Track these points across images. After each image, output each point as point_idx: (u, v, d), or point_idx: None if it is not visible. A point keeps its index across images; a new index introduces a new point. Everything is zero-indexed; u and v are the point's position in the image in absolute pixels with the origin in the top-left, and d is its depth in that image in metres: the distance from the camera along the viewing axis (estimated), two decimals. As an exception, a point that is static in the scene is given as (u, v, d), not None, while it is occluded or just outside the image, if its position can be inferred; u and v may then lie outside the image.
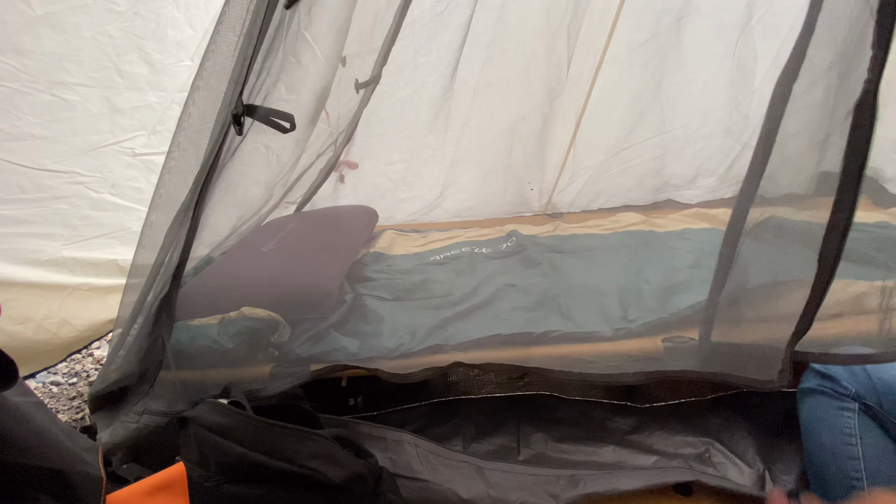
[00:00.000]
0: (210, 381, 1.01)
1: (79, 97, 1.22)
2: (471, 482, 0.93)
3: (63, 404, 1.40)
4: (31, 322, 1.27)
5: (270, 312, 1.11)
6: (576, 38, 1.59)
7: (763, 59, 1.61)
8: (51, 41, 1.13)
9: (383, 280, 1.40)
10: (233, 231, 1.42)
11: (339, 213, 1.70)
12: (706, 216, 1.70)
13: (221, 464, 0.78)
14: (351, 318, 1.20)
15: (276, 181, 1.43)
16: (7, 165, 1.16)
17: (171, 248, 0.96)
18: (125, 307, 1.04)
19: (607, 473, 0.96)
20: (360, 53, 1.46)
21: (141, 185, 1.39)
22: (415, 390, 1.24)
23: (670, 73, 1.69)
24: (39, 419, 0.62)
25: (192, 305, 1.11)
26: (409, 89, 1.70)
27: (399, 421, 1.15)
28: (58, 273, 1.31)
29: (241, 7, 0.85)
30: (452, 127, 1.77)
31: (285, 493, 0.78)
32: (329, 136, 1.63)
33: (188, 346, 1.06)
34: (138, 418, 0.98)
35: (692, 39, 1.62)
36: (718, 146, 1.81)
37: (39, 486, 0.59)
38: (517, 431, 1.12)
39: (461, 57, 1.60)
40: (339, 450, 0.82)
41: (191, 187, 0.92)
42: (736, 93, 1.69)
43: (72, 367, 1.54)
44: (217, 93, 0.90)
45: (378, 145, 1.83)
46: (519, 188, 1.95)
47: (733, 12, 1.58)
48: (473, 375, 1.24)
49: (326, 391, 1.19)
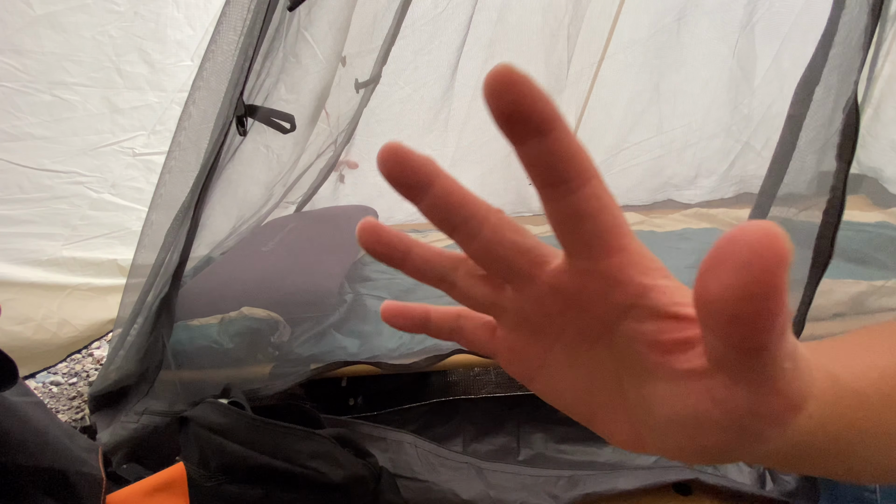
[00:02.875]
0: (210, 381, 1.01)
1: (79, 97, 1.21)
2: (471, 483, 0.93)
3: (63, 404, 1.40)
4: (31, 322, 1.27)
5: (270, 312, 1.11)
6: (576, 38, 1.59)
7: (763, 59, 1.62)
8: (51, 41, 1.12)
9: (383, 280, 1.40)
10: (233, 231, 1.42)
11: (339, 213, 1.70)
12: (706, 216, 1.70)
13: (221, 464, 0.78)
14: (351, 318, 1.20)
15: (276, 181, 1.43)
16: (7, 165, 1.16)
17: (171, 248, 0.96)
18: (125, 307, 1.04)
19: (607, 473, 0.96)
20: (360, 53, 1.46)
21: (141, 185, 1.39)
22: (415, 390, 1.24)
23: (670, 72, 1.69)
24: (39, 419, 0.62)
25: (192, 305, 1.11)
26: (409, 89, 1.70)
27: (399, 421, 1.15)
28: (58, 273, 1.31)
29: (242, 7, 0.85)
30: (452, 127, 1.77)
31: (285, 493, 0.78)
32: (329, 136, 1.63)
33: (188, 346, 1.06)
34: (138, 418, 0.98)
35: (692, 39, 1.62)
36: (718, 146, 1.81)
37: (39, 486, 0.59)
38: (517, 431, 1.12)
39: (461, 57, 1.60)
40: (339, 450, 0.82)
41: (191, 187, 0.92)
42: (736, 93, 1.69)
43: (72, 367, 1.54)
44: (217, 93, 0.90)
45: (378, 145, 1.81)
46: (519, 188, 1.94)
47: (733, 12, 1.58)
48: (473, 375, 1.24)
49: (326, 391, 1.19)
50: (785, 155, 0.81)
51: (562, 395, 0.22)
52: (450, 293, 0.21)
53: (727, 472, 0.98)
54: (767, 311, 0.12)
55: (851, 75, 0.67)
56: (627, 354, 0.18)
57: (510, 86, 0.14)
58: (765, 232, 0.12)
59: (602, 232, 0.17)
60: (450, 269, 0.21)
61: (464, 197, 0.18)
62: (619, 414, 0.20)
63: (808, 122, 0.76)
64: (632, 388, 0.19)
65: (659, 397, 0.17)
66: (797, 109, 0.78)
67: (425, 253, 0.20)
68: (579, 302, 0.19)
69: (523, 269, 0.19)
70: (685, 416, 0.16)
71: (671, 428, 0.17)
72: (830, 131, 0.71)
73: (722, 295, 0.13)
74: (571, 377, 0.21)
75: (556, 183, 0.16)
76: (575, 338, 0.20)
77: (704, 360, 0.16)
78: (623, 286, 0.17)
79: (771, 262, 0.12)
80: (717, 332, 0.14)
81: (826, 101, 0.73)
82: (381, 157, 0.17)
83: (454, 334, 0.23)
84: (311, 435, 0.81)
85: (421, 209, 0.18)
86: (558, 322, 0.20)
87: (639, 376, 0.18)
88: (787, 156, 0.80)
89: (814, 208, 0.72)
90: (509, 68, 0.14)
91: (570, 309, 0.19)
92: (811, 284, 0.75)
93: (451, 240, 0.19)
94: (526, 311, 0.20)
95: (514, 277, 0.19)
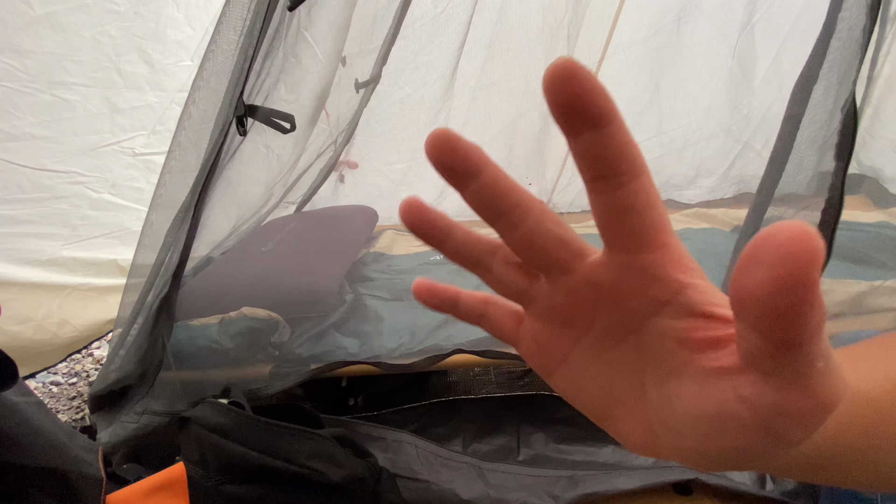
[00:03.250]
0: (210, 381, 1.01)
1: (79, 97, 1.21)
2: (471, 483, 0.94)
3: (63, 404, 1.40)
4: (31, 322, 1.27)
5: (270, 312, 1.11)
6: (576, 38, 1.59)
7: (763, 59, 1.62)
8: (51, 41, 1.12)
9: (383, 280, 1.40)
10: (233, 231, 1.42)
11: (339, 213, 1.70)
12: (706, 216, 1.70)
13: (221, 464, 0.78)
14: (351, 318, 1.20)
15: (276, 181, 1.43)
16: (7, 165, 1.16)
17: (171, 248, 0.96)
18: (125, 307, 1.04)
19: (607, 473, 0.96)
20: (360, 53, 1.46)
21: (141, 185, 1.39)
22: (415, 390, 1.24)
23: (670, 72, 1.69)
24: (39, 419, 0.62)
25: (192, 305, 1.12)
26: (408, 89, 1.70)
27: (399, 421, 1.15)
28: (58, 273, 1.31)
29: (242, 7, 0.85)
30: (452, 126, 1.76)
31: (285, 493, 0.78)
32: (329, 136, 1.63)
33: (188, 346, 1.06)
34: (138, 418, 0.98)
35: (692, 39, 1.62)
36: (718, 146, 1.81)
37: (39, 486, 0.59)
38: (517, 431, 1.12)
39: (461, 57, 1.60)
40: (339, 450, 0.82)
41: (191, 187, 0.92)
42: (736, 93, 1.69)
43: (72, 367, 1.54)
44: (217, 93, 0.90)
45: (378, 145, 1.83)
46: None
47: (733, 12, 1.58)
48: (473, 375, 1.24)
49: (326, 391, 1.19)
50: (783, 154, 0.81)
51: (580, 391, 0.22)
52: (484, 278, 0.22)
53: (727, 472, 0.98)
54: (801, 304, 0.13)
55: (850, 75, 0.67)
56: (655, 351, 0.19)
57: (571, 79, 0.15)
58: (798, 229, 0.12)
59: (647, 227, 0.17)
60: (487, 254, 0.21)
61: (512, 185, 0.19)
62: (636, 414, 0.20)
63: (807, 121, 0.76)
64: (654, 386, 0.19)
65: (683, 395, 0.17)
66: (795, 109, 0.78)
67: (465, 235, 0.21)
68: (614, 296, 0.19)
69: (562, 260, 0.19)
70: (709, 414, 0.16)
71: (692, 427, 0.17)
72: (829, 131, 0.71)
73: (758, 289, 0.13)
74: (593, 373, 0.21)
75: (608, 176, 0.17)
76: (603, 333, 0.20)
77: (734, 359, 0.16)
78: (661, 282, 0.18)
79: (803, 258, 0.12)
80: (754, 326, 0.14)
81: (825, 101, 0.73)
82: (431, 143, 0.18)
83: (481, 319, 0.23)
84: (311, 435, 0.81)
85: (466, 195, 0.18)
86: (589, 316, 0.20)
87: (664, 374, 0.18)
88: (786, 155, 0.80)
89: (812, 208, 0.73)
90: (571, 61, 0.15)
91: (603, 303, 0.20)
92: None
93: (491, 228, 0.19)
94: (557, 303, 0.21)
95: (552, 268, 0.20)
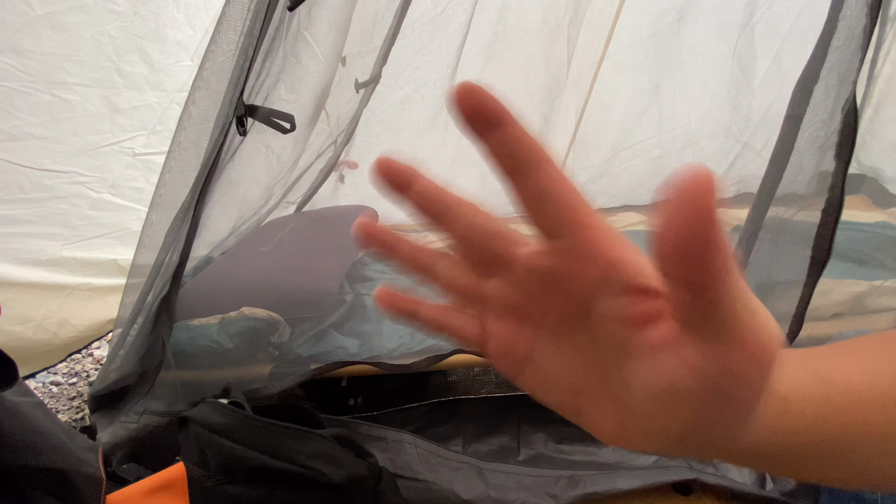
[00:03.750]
0: (210, 381, 1.01)
1: (79, 97, 1.21)
2: (471, 483, 0.93)
3: (63, 404, 1.40)
4: (31, 322, 1.27)
5: (270, 312, 1.11)
6: (576, 38, 1.59)
7: (763, 59, 1.61)
8: (51, 41, 1.12)
9: (383, 280, 1.40)
10: (233, 231, 1.42)
11: (338, 213, 1.70)
12: (706, 216, 1.70)
13: (221, 464, 0.78)
14: (351, 318, 1.20)
15: (276, 181, 1.43)
16: (7, 165, 1.16)
17: (171, 248, 0.96)
18: (125, 307, 1.04)
19: (607, 473, 0.96)
20: (360, 53, 1.46)
21: (141, 185, 1.39)
22: (415, 390, 1.24)
23: (670, 72, 1.69)
24: (39, 419, 0.62)
25: (192, 305, 1.12)
26: (408, 89, 1.70)
27: (399, 421, 1.15)
28: (58, 273, 1.31)
29: (242, 7, 0.85)
30: (452, 127, 1.77)
31: (285, 493, 0.78)
32: (329, 136, 1.63)
33: (188, 346, 1.06)
34: (138, 418, 0.98)
35: (692, 39, 1.62)
36: (718, 146, 1.80)
37: (39, 486, 0.59)
38: (517, 431, 1.12)
39: (461, 57, 1.60)
40: (339, 450, 0.82)
41: (191, 187, 0.92)
42: (736, 93, 1.69)
43: (72, 367, 1.53)
44: (217, 93, 0.90)
45: (378, 145, 1.83)
46: (518, 188, 1.94)
47: (733, 12, 1.58)
48: (473, 375, 1.24)
49: (326, 391, 1.19)
50: (784, 154, 0.81)
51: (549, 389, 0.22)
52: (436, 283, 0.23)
53: (727, 472, 0.98)
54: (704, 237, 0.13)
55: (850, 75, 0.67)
56: (606, 335, 0.19)
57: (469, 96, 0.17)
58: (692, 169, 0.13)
59: (565, 208, 0.18)
60: (434, 261, 0.23)
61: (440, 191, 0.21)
62: (604, 406, 0.20)
63: (807, 121, 0.76)
64: (614, 372, 0.19)
65: (637, 375, 0.18)
66: (796, 109, 0.78)
67: (410, 245, 0.23)
68: (556, 281, 0.20)
69: (499, 251, 0.21)
70: (663, 389, 0.17)
71: (651, 407, 0.18)
72: (829, 131, 0.71)
73: (664, 235, 0.14)
74: (558, 369, 0.21)
75: (515, 168, 0.18)
76: (557, 324, 0.21)
77: (675, 327, 0.16)
78: (593, 260, 0.18)
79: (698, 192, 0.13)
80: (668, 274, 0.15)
81: (825, 101, 0.73)
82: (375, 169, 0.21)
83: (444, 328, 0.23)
84: (311, 435, 0.81)
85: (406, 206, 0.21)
86: (540, 306, 0.21)
87: (618, 357, 0.19)
88: (786, 155, 0.80)
89: (812, 208, 0.73)
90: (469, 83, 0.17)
91: (548, 290, 0.20)
92: (809, 284, 0.75)
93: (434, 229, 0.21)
94: (508, 298, 0.21)
95: (493, 261, 0.21)
